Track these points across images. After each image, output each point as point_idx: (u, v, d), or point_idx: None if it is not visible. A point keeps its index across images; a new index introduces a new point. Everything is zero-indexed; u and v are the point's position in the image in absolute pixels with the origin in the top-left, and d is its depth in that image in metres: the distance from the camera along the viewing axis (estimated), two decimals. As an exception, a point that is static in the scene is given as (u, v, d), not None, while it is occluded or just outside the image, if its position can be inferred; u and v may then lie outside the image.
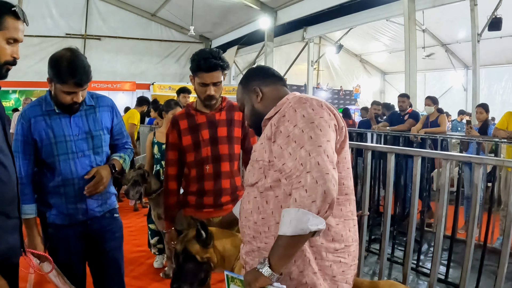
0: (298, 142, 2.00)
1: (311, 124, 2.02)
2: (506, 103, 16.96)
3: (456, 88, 21.08)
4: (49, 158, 3.02)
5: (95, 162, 3.15)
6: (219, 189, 3.52)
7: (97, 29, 21.01)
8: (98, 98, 3.26)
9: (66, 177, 3.03)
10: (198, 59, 3.31)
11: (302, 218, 1.87)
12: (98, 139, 3.16)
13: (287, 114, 2.12)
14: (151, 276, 5.58)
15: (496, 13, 12.05)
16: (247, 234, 2.28)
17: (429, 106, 9.04)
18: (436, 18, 16.14)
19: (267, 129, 2.22)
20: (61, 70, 2.83)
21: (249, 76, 2.52)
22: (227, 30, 21.67)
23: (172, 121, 3.58)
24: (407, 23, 11.60)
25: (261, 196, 2.19)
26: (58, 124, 3.03)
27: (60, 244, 3.15)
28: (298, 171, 1.95)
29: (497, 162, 4.53)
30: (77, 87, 2.88)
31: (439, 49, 19.71)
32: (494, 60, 17.40)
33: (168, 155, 3.60)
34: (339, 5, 14.64)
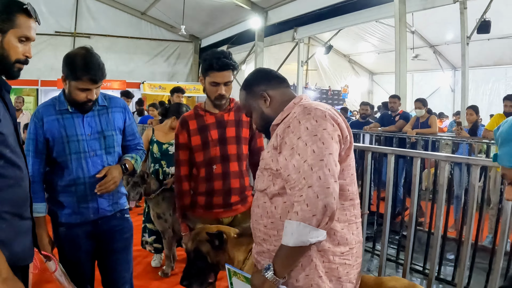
0: (302, 155, 2.06)
1: (314, 137, 2.07)
2: (493, 104, 17.15)
3: (443, 89, 21.24)
4: (61, 157, 3.06)
5: (107, 162, 3.18)
6: (228, 189, 3.56)
7: (87, 27, 20.86)
8: (110, 99, 3.30)
9: (78, 176, 3.07)
10: (210, 59, 3.36)
11: (303, 231, 1.99)
12: (110, 139, 3.20)
13: (291, 125, 2.16)
14: (149, 275, 5.63)
15: (485, 16, 12.23)
16: (257, 236, 2.37)
17: (419, 109, 9.19)
18: (424, 19, 16.29)
19: (273, 139, 2.27)
20: (76, 67, 2.88)
21: (253, 81, 2.50)
22: (217, 30, 21.62)
23: (181, 121, 3.62)
24: (398, 25, 11.71)
25: (270, 201, 2.27)
26: (71, 123, 3.07)
27: (70, 243, 3.19)
28: (301, 184, 2.03)
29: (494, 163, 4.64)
30: (92, 83, 2.93)
31: (427, 50, 19.87)
32: (481, 62, 17.59)
33: (180, 155, 3.62)
34: (330, 6, 14.71)
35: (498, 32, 14.34)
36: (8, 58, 2.20)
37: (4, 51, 2.19)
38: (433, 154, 4.90)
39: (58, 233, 3.19)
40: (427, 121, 9.01)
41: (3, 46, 2.19)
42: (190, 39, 23.77)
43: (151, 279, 5.48)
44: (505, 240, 3.71)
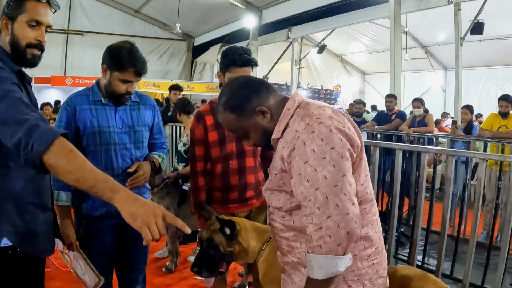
0: (312, 182, 1.92)
1: (323, 161, 1.91)
2: (483, 104, 17.36)
3: (434, 89, 21.45)
4: (90, 147, 3.06)
5: (135, 155, 3.22)
6: (244, 184, 3.55)
7: (80, 24, 20.91)
8: (142, 96, 3.37)
9: (106, 167, 3.05)
10: (232, 54, 3.37)
11: (331, 264, 1.90)
12: (140, 134, 3.25)
13: (296, 148, 1.98)
14: (152, 271, 5.57)
15: (478, 18, 12.42)
16: (282, 247, 2.26)
17: (418, 108, 9.32)
18: (417, 20, 16.45)
19: (279, 162, 2.10)
20: (122, 58, 2.92)
21: (241, 101, 2.16)
22: (211, 28, 21.66)
23: (197, 116, 3.57)
24: (393, 25, 11.85)
25: (289, 216, 2.16)
26: (103, 114, 3.09)
27: (93, 236, 3.19)
28: (317, 216, 1.90)
29: (499, 158, 4.79)
30: (135, 76, 2.99)
31: (419, 51, 20.02)
32: (473, 63, 17.77)
33: (196, 150, 3.57)
34: (325, 6, 14.82)
35: (490, 34, 14.52)
36: (18, 43, 2.19)
37: (15, 37, 2.18)
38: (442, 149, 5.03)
39: (81, 225, 3.20)
40: (424, 119, 9.15)
41: (14, 32, 2.18)
42: (184, 38, 23.82)
43: (155, 275, 5.47)
44: (509, 238, 3.85)
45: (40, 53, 2.27)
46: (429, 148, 4.90)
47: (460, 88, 13.51)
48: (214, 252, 3.01)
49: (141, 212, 1.76)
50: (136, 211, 1.77)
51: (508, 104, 7.54)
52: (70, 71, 20.33)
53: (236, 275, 5.47)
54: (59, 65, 20.35)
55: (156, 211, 1.77)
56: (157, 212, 1.77)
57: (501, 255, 4.01)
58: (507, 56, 17.31)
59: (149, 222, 1.75)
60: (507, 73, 18.37)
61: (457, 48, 13.38)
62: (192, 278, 5.34)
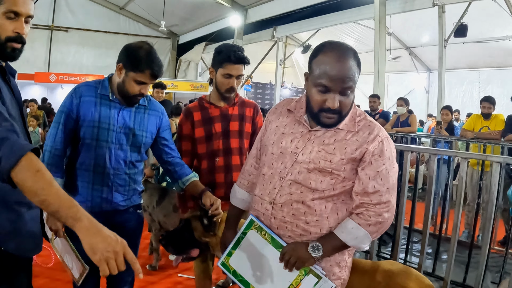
0: (384, 181, 2.25)
1: (393, 169, 2.31)
2: (466, 105, 17.51)
3: (418, 90, 21.53)
4: (87, 139, 3.03)
5: (130, 158, 3.16)
6: (230, 181, 3.54)
7: (65, 20, 20.79)
8: (151, 101, 3.31)
9: (98, 164, 3.05)
10: (226, 51, 3.41)
11: (365, 240, 2.30)
12: (139, 138, 3.18)
13: (378, 148, 2.25)
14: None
15: (462, 21, 12.55)
16: (291, 230, 2.33)
17: (401, 107, 9.45)
18: (402, 22, 16.52)
19: (356, 151, 2.24)
20: (140, 59, 2.89)
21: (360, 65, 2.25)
22: (196, 26, 21.66)
23: (186, 112, 3.63)
24: (378, 26, 11.92)
25: (320, 201, 2.30)
26: (107, 111, 3.04)
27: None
28: (380, 207, 2.26)
29: (480, 157, 4.87)
30: (151, 78, 2.96)
31: (403, 52, 20.10)
32: (456, 65, 17.87)
33: (182, 146, 3.61)
34: (310, 6, 14.89)
35: (474, 36, 14.65)
36: None
37: None
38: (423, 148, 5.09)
39: None
40: (407, 120, 9.25)
41: None
42: (168, 36, 23.82)
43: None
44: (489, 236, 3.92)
45: (20, 46, 2.11)
46: (411, 147, 4.96)
47: (443, 90, 13.64)
48: (187, 235, 3.04)
49: (101, 247, 1.75)
50: (96, 245, 1.76)
51: (490, 105, 7.64)
52: (54, 67, 20.19)
53: (220, 273, 5.48)
54: (43, 62, 20.24)
55: (116, 247, 1.79)
56: (117, 248, 1.79)
57: (481, 253, 4.09)
58: (490, 58, 17.48)
59: (108, 258, 1.76)
60: (490, 75, 18.55)
61: (440, 50, 13.50)
62: (176, 276, 5.36)
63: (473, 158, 5.70)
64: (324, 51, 2.19)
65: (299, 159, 2.31)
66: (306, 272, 2.29)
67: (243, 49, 3.54)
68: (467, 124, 7.97)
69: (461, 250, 5.17)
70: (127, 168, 3.17)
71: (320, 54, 2.19)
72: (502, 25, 14.57)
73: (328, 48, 2.20)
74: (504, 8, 13.12)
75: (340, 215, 2.34)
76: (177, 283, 5.25)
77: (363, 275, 2.77)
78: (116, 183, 3.13)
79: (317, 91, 2.18)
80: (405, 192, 4.65)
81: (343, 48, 2.20)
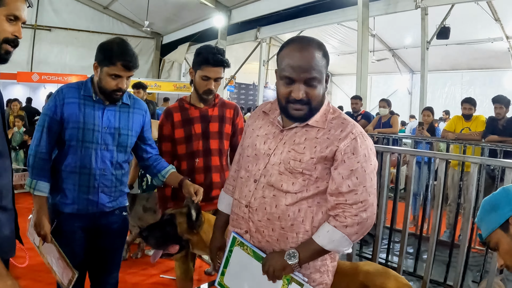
0: (360, 179, 2.17)
1: (370, 166, 2.21)
2: (449, 107, 17.57)
3: (401, 91, 21.71)
4: (72, 141, 3.02)
5: (116, 159, 3.16)
6: (209, 182, 3.59)
7: (48, 19, 20.57)
8: (135, 99, 3.31)
9: (83, 165, 3.04)
10: (206, 53, 3.42)
11: (343, 243, 2.20)
12: (125, 138, 3.18)
13: (351, 146, 2.18)
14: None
15: (445, 23, 12.66)
16: (268, 235, 2.30)
17: (383, 108, 9.50)
18: (385, 24, 16.63)
19: (326, 150, 2.20)
20: (111, 52, 2.90)
21: (327, 52, 2.24)
22: (179, 27, 21.60)
23: (166, 113, 3.64)
24: (360, 28, 11.96)
25: (293, 205, 2.24)
26: (91, 112, 3.04)
27: (65, 235, 3.12)
28: (356, 206, 2.16)
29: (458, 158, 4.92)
30: (125, 70, 2.94)
31: (387, 53, 20.25)
32: (439, 66, 18.02)
33: (162, 146, 3.62)
34: (294, 7, 14.90)
35: (456, 38, 14.79)
36: None
37: None
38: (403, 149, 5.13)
39: (55, 222, 3.13)
40: (389, 121, 9.31)
41: None
42: (152, 36, 23.70)
43: (121, 273, 5.38)
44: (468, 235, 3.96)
45: (13, 49, 2.15)
46: (391, 148, 5.00)
47: (426, 91, 13.74)
48: (169, 229, 3.04)
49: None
50: None
51: (471, 107, 7.71)
52: (36, 67, 20.00)
53: (202, 274, 5.49)
54: (26, 61, 20.02)
55: None
56: None
57: (460, 252, 4.12)
58: (472, 60, 17.67)
59: None
60: (472, 77, 18.78)
61: (423, 52, 13.60)
62: (158, 277, 5.35)
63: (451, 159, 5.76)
64: (287, 44, 2.22)
65: (271, 161, 2.30)
66: (288, 280, 2.25)
67: (223, 51, 3.55)
68: (448, 125, 8.03)
69: (443, 249, 5.23)
70: (113, 169, 3.17)
71: (284, 48, 2.22)
72: (485, 28, 14.75)
73: (291, 41, 2.23)
74: (487, 11, 13.30)
75: (316, 218, 2.26)
76: (159, 284, 5.23)
77: (342, 277, 2.77)
78: (102, 184, 3.12)
79: (283, 83, 2.20)
80: (384, 192, 4.68)
81: (305, 40, 2.22)
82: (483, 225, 2.13)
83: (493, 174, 6.00)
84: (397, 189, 5.47)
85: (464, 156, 4.76)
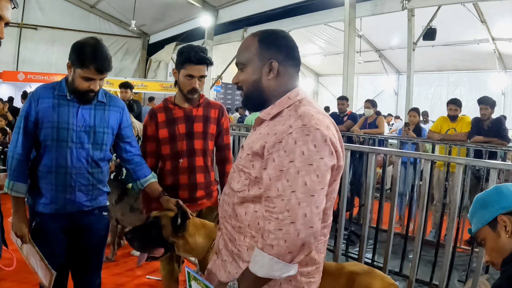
0: (291, 183, 1.84)
1: (309, 167, 1.84)
2: (435, 107, 17.75)
3: (387, 92, 21.84)
4: (47, 141, 3.01)
5: (92, 156, 3.13)
6: (193, 183, 3.60)
7: (34, 18, 20.33)
8: (110, 97, 3.27)
9: (59, 164, 3.02)
10: (188, 52, 3.41)
11: (275, 266, 1.86)
12: (100, 136, 3.15)
13: (284, 142, 1.88)
14: (103, 271, 5.43)
15: (431, 24, 12.73)
16: (225, 232, 2.22)
17: (368, 109, 9.53)
18: (372, 25, 16.70)
19: (257, 145, 2.00)
20: (84, 55, 2.86)
21: (273, 41, 2.09)
22: (166, 26, 21.52)
23: (150, 113, 3.63)
24: (347, 29, 12.00)
25: (240, 205, 2.10)
26: (65, 111, 3.02)
27: (45, 235, 3.12)
28: (282, 216, 1.84)
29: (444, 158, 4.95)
30: (97, 73, 2.91)
31: (373, 54, 20.35)
32: (425, 67, 18.14)
33: (147, 147, 3.63)
34: (282, 8, 14.92)
35: (442, 40, 14.88)
36: None
37: None
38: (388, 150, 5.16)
39: (33, 223, 3.13)
40: (375, 121, 9.34)
41: None
42: (139, 35, 23.60)
43: (106, 275, 5.11)
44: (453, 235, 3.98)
45: None
46: (376, 148, 5.05)
47: (412, 92, 13.80)
48: (154, 231, 3.03)
49: None
50: None
51: (457, 108, 7.76)
52: (22, 66, 19.83)
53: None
54: (12, 60, 19.84)
55: None
56: None
57: (445, 252, 4.15)
58: (458, 61, 17.82)
59: None
60: (458, 78, 18.96)
61: (409, 53, 13.66)
62: (144, 278, 5.33)
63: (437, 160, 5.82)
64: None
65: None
66: None
67: (206, 49, 3.54)
68: (434, 126, 8.07)
69: (428, 249, 5.26)
70: (89, 167, 3.14)
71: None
72: (471, 29, 14.87)
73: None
74: (473, 13, 13.40)
75: (262, 225, 1.97)
76: (145, 285, 5.20)
77: (327, 277, 2.76)
78: (79, 182, 3.10)
79: None
80: (370, 192, 4.70)
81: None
82: (474, 220, 2.14)
83: (479, 175, 6.05)
84: (383, 189, 5.49)
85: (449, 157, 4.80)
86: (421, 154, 4.57)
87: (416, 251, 4.31)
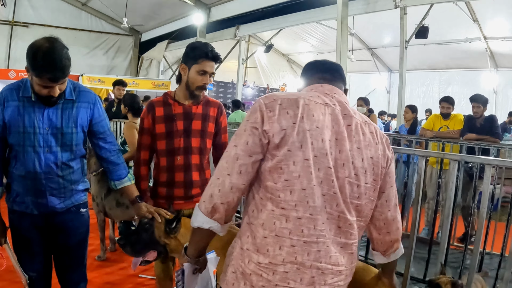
0: (227, 147, 2.05)
1: (239, 129, 2.04)
2: (427, 105, 17.73)
3: (379, 90, 21.90)
4: (16, 146, 2.95)
5: (61, 159, 3.03)
6: (189, 181, 3.57)
7: (26, 16, 20.14)
8: (80, 92, 3.11)
9: (28, 170, 2.95)
10: (202, 48, 3.39)
11: (196, 214, 2.06)
12: (69, 137, 3.04)
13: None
14: (96, 270, 5.47)
15: (424, 23, 12.76)
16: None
17: (361, 107, 9.55)
18: (364, 23, 16.68)
19: None
20: (36, 63, 2.68)
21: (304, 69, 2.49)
22: (158, 24, 21.43)
23: (148, 106, 3.59)
24: (340, 27, 11.97)
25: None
26: (31, 114, 2.91)
27: (21, 233, 3.12)
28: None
29: (438, 155, 4.96)
30: (51, 82, 2.76)
31: (365, 52, 20.37)
32: (417, 66, 18.22)
33: (142, 139, 3.60)
34: (274, 6, 14.89)
35: (434, 38, 14.92)
36: None
37: None
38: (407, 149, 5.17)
39: (9, 219, 3.12)
40: (367, 119, 9.34)
41: None
42: (131, 33, 23.48)
43: (98, 274, 5.36)
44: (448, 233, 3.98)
45: None
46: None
47: (404, 90, 13.82)
48: (147, 235, 3.06)
49: None
50: None
51: (449, 106, 7.79)
52: (13, 64, 19.69)
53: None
54: (3, 58, 19.70)
55: None
56: None
57: (440, 249, 4.15)
58: (450, 60, 17.89)
59: None
60: (450, 76, 19.04)
61: (401, 51, 13.67)
62: (137, 277, 5.32)
63: (431, 156, 5.82)
64: None
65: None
66: None
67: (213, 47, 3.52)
68: (427, 124, 8.10)
69: (422, 246, 5.26)
70: (59, 170, 3.06)
71: None
72: (463, 28, 14.91)
73: None
74: (465, 11, 13.43)
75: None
76: (138, 283, 5.20)
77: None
78: (49, 187, 3.04)
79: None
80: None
81: None
82: None
83: (471, 172, 6.06)
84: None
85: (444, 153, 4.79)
86: (415, 150, 4.57)
87: (411, 249, 4.30)
